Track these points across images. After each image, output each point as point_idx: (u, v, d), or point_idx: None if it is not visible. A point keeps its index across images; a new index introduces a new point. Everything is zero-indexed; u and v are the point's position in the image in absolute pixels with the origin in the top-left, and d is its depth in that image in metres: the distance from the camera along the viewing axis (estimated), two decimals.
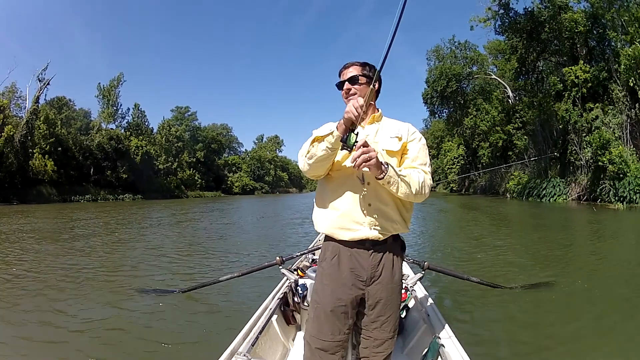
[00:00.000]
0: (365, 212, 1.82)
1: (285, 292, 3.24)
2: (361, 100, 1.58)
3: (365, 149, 1.58)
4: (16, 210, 24.74)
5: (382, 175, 1.68)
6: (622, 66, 21.20)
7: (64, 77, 72.35)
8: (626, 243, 10.00)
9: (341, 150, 1.67)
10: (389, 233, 1.86)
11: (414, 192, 1.76)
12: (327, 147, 1.68)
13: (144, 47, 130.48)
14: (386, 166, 1.69)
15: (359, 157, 1.57)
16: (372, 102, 1.95)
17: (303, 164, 1.84)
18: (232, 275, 4.17)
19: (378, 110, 1.99)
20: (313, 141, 1.76)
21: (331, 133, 1.66)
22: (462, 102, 42.39)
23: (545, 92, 28.26)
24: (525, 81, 33.03)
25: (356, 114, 1.56)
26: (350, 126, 1.61)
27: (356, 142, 1.60)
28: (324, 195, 1.94)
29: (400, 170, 1.76)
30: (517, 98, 38.11)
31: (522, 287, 4.90)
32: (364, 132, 1.87)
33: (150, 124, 64.32)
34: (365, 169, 1.63)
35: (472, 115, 41.15)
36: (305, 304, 3.17)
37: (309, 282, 3.32)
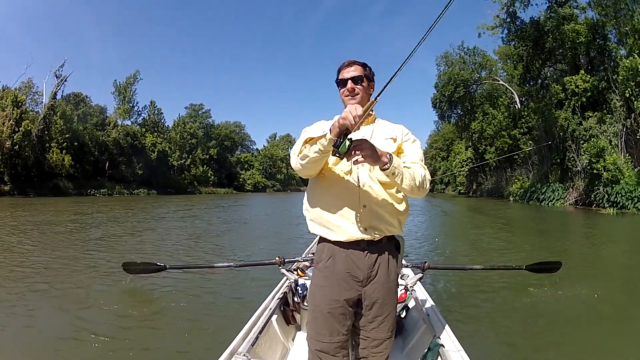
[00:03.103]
0: (359, 213, 1.81)
1: (285, 292, 3.26)
2: (360, 110, 1.48)
3: (357, 148, 1.57)
4: (18, 202, 25.43)
5: (386, 166, 1.64)
6: (620, 77, 21.89)
7: (78, 72, 74.27)
8: (616, 247, 10.53)
9: (332, 155, 1.64)
10: (383, 234, 1.85)
11: (417, 185, 1.74)
12: (319, 149, 1.63)
13: (158, 44, 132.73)
14: (390, 156, 1.65)
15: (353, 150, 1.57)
16: (371, 113, 1.87)
17: (295, 164, 1.80)
18: (229, 264, 4.27)
19: (372, 112, 1.95)
20: (305, 142, 1.70)
21: (324, 136, 1.60)
22: (469, 107, 43.11)
23: (548, 99, 29.04)
24: (530, 88, 33.71)
25: (353, 123, 1.49)
26: (344, 131, 1.55)
27: (349, 149, 1.57)
28: (316, 195, 1.93)
29: (404, 162, 1.76)
30: (523, 103, 38.69)
31: (528, 267, 4.21)
32: (359, 134, 1.79)
33: (166, 121, 66.24)
34: (361, 159, 1.60)
35: (478, 120, 41.90)
36: (305, 303, 3.13)
37: (309, 282, 3.12)
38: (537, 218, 19.09)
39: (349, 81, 1.90)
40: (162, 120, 64.75)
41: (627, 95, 21.36)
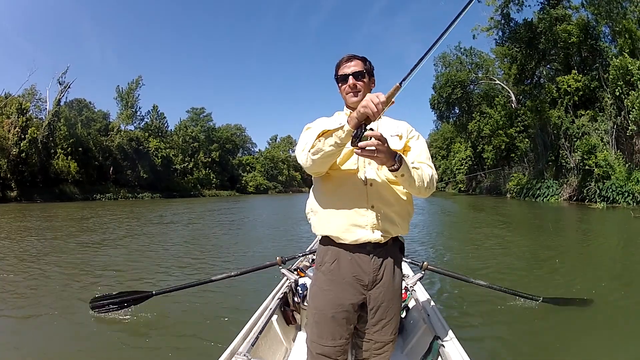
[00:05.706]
0: (367, 214, 1.74)
1: (285, 292, 3.24)
2: (382, 97, 1.41)
3: (376, 140, 1.44)
4: (24, 207, 25.77)
5: (396, 166, 1.55)
6: (611, 76, 22.61)
7: (78, 75, 74.08)
8: (605, 240, 10.83)
9: (351, 145, 1.50)
10: (390, 235, 1.80)
11: (425, 186, 1.69)
12: (335, 142, 1.53)
13: (157, 45, 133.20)
14: (399, 157, 1.56)
15: (368, 141, 1.44)
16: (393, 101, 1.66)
17: (305, 159, 1.66)
18: (228, 274, 3.98)
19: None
20: (319, 135, 1.58)
21: (341, 127, 1.50)
22: (466, 107, 43.78)
23: (542, 98, 29.81)
24: (526, 86, 34.48)
25: (375, 110, 1.39)
26: (363, 122, 1.46)
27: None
28: (321, 195, 1.85)
29: (412, 163, 1.69)
30: (520, 102, 39.32)
31: (546, 300, 4.26)
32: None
33: (168, 125, 66.91)
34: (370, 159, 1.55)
35: (476, 120, 42.58)
36: (306, 303, 3.09)
37: (309, 282, 3.11)
38: (532, 214, 19.67)
39: (350, 77, 1.81)
40: (165, 125, 65.41)
41: (618, 93, 22.11)
